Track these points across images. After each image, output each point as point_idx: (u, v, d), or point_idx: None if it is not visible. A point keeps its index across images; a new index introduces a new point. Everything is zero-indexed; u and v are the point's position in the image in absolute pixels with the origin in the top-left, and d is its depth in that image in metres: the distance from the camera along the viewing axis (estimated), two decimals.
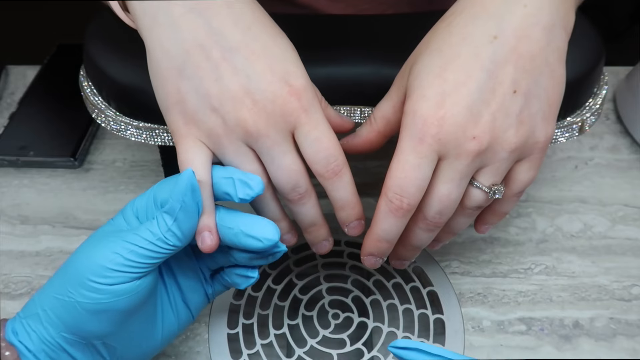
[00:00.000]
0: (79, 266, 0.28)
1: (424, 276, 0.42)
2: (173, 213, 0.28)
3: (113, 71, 0.34)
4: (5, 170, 0.49)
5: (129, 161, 0.50)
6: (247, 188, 0.29)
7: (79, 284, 0.27)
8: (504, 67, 0.27)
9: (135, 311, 0.29)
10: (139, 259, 0.28)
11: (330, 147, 0.29)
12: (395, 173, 0.28)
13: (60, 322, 0.28)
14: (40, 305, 0.29)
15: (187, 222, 0.28)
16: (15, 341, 0.28)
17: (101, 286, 0.27)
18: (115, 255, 0.27)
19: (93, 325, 0.28)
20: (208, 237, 0.29)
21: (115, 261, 0.27)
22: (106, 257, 0.27)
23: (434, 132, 0.27)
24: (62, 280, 0.28)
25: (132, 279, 0.28)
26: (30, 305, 0.29)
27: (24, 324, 0.29)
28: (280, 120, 0.28)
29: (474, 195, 0.30)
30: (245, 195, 0.29)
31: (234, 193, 0.29)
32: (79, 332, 0.28)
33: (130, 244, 0.28)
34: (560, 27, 0.28)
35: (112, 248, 0.28)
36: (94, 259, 0.27)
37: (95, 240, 0.29)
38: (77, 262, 0.28)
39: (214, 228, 0.29)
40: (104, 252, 0.27)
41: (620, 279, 0.42)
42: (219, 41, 0.27)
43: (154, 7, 0.28)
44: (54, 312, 0.28)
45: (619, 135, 0.52)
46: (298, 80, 0.28)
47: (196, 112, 0.28)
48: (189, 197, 0.28)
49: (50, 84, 0.56)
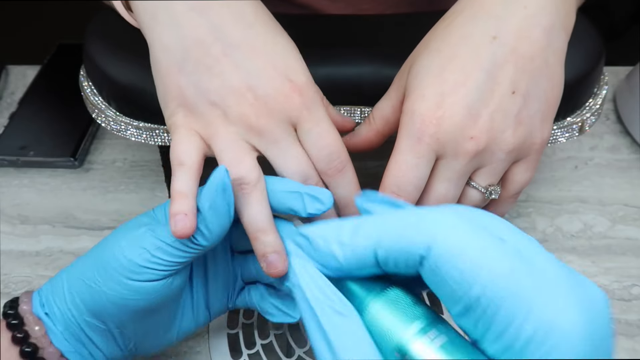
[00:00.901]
0: (109, 255, 0.27)
1: None
2: (202, 211, 0.27)
3: (113, 71, 0.34)
4: (5, 170, 0.49)
5: (129, 161, 0.50)
6: (317, 202, 0.27)
7: (107, 275, 0.27)
8: (503, 67, 0.27)
9: (158, 309, 0.29)
10: (165, 256, 0.27)
11: (333, 144, 0.29)
12: (393, 172, 0.28)
13: (84, 306, 0.28)
14: (67, 286, 0.29)
15: (216, 222, 0.27)
16: (43, 316, 0.28)
17: (128, 281, 0.27)
18: (142, 251, 0.27)
19: (114, 315, 0.28)
20: (182, 219, 0.26)
21: (142, 257, 0.27)
22: (134, 252, 0.27)
23: (432, 131, 0.27)
24: (92, 265, 0.28)
25: (161, 277, 0.27)
26: (58, 282, 0.29)
27: (50, 299, 0.29)
28: (282, 116, 0.28)
29: (470, 195, 0.30)
30: (316, 210, 0.27)
31: (301, 208, 0.27)
32: (100, 317, 0.28)
33: (158, 240, 0.27)
34: (560, 29, 0.28)
35: (140, 242, 0.27)
36: (123, 251, 0.27)
37: (128, 230, 0.28)
38: (108, 249, 0.28)
39: (191, 214, 0.26)
40: (133, 246, 0.27)
41: (620, 279, 0.42)
42: (220, 38, 0.27)
43: (155, 5, 0.28)
44: (80, 296, 0.28)
45: (619, 135, 0.52)
46: (300, 77, 0.28)
47: (196, 106, 0.28)
48: (220, 196, 0.26)
49: (51, 84, 0.56)
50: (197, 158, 0.28)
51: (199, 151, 0.28)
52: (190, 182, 0.27)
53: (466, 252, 0.19)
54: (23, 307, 0.29)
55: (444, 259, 0.19)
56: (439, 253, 0.19)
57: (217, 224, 0.27)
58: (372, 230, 0.21)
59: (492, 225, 0.20)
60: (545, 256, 0.20)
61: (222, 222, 0.27)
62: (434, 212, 0.21)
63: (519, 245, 0.20)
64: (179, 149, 0.28)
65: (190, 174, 0.27)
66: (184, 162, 0.27)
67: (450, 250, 0.19)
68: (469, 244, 0.19)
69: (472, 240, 0.19)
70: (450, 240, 0.19)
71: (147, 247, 0.27)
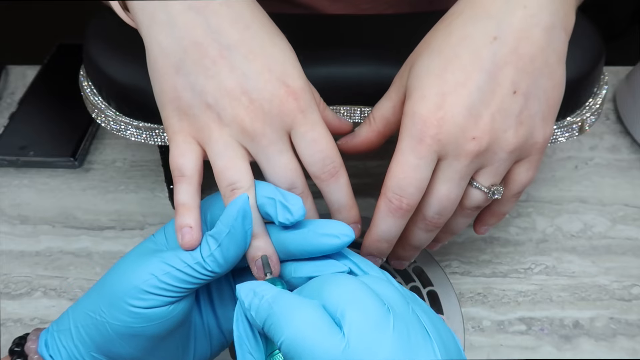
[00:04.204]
0: (113, 284, 0.27)
1: (424, 276, 0.42)
2: (219, 238, 0.26)
3: (113, 71, 0.34)
4: (5, 170, 0.49)
5: (129, 161, 0.50)
6: (287, 213, 0.27)
7: (111, 305, 0.26)
8: (504, 68, 0.27)
9: (167, 337, 0.28)
10: (174, 282, 0.26)
11: (326, 149, 0.29)
12: (394, 173, 0.28)
13: (90, 341, 0.27)
14: (73, 321, 0.28)
15: (232, 250, 0.26)
16: (46, 355, 0.28)
17: (133, 309, 0.26)
18: (149, 277, 0.26)
19: (122, 349, 0.27)
20: (188, 232, 0.27)
21: (149, 282, 0.26)
22: (140, 278, 0.26)
23: (434, 132, 0.27)
24: (97, 297, 0.27)
25: (165, 303, 0.26)
26: (64, 319, 0.29)
27: (56, 337, 0.28)
28: (276, 120, 0.28)
29: (473, 196, 0.30)
30: (285, 220, 0.27)
31: (274, 215, 0.27)
32: (109, 353, 0.27)
33: (167, 264, 0.26)
34: (560, 29, 0.28)
35: (147, 268, 0.26)
36: (128, 278, 0.26)
37: (133, 257, 0.28)
38: (112, 279, 0.27)
39: (196, 226, 0.27)
40: (139, 272, 0.26)
41: (620, 279, 0.42)
42: (217, 39, 0.27)
43: (152, 5, 0.28)
44: (85, 330, 0.27)
45: (619, 135, 0.52)
46: (296, 81, 0.28)
47: (191, 107, 0.28)
48: (239, 223, 0.26)
49: (50, 84, 0.56)
50: (196, 166, 0.28)
51: (198, 159, 0.28)
52: (193, 193, 0.28)
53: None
54: (30, 346, 0.28)
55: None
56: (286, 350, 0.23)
57: (234, 251, 0.27)
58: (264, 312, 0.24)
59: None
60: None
61: (239, 249, 0.27)
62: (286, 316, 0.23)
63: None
64: (178, 159, 0.28)
65: (192, 184, 0.28)
66: (184, 173, 0.28)
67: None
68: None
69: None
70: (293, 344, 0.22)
71: (155, 272, 0.26)
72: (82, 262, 0.43)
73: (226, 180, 0.28)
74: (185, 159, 0.28)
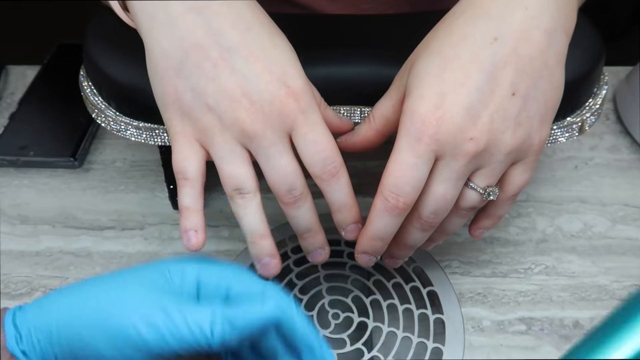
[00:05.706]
0: (99, 310, 0.25)
1: (424, 276, 0.42)
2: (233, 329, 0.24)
3: (113, 71, 0.34)
4: (5, 170, 0.49)
5: (129, 161, 0.50)
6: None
7: (114, 346, 0.24)
8: (504, 69, 0.27)
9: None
10: (155, 339, 0.24)
11: (327, 149, 0.29)
12: (392, 172, 0.28)
13: (72, 356, 0.25)
14: (57, 327, 0.25)
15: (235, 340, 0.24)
16: (18, 353, 0.25)
17: (137, 352, 0.24)
18: (130, 327, 0.24)
19: None
20: (194, 235, 0.29)
21: (127, 333, 0.24)
22: (121, 324, 0.24)
23: (432, 132, 0.27)
24: (93, 327, 0.25)
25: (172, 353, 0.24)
26: (44, 316, 0.25)
27: (32, 336, 0.25)
28: (277, 121, 0.28)
29: (468, 196, 0.30)
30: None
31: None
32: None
33: (163, 312, 0.24)
34: (561, 31, 0.28)
35: (137, 307, 0.24)
36: (136, 327, 0.24)
37: (139, 295, 0.25)
38: (101, 302, 0.25)
39: (201, 229, 0.29)
40: (125, 311, 0.24)
41: (620, 279, 0.42)
42: (218, 41, 0.27)
43: (153, 6, 0.28)
44: (67, 342, 0.25)
45: (619, 135, 0.52)
46: (296, 82, 0.28)
47: (192, 109, 0.28)
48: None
49: (50, 84, 0.56)
50: (199, 169, 0.29)
51: (201, 161, 0.29)
52: (197, 196, 0.29)
53: None
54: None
55: None
56: None
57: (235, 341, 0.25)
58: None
59: None
60: None
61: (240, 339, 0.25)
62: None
63: None
64: (181, 162, 0.29)
65: (196, 187, 0.29)
66: (187, 176, 0.29)
67: None
68: None
69: None
70: None
71: (145, 315, 0.24)
72: (82, 262, 0.43)
73: (232, 186, 0.29)
74: (188, 162, 0.28)
